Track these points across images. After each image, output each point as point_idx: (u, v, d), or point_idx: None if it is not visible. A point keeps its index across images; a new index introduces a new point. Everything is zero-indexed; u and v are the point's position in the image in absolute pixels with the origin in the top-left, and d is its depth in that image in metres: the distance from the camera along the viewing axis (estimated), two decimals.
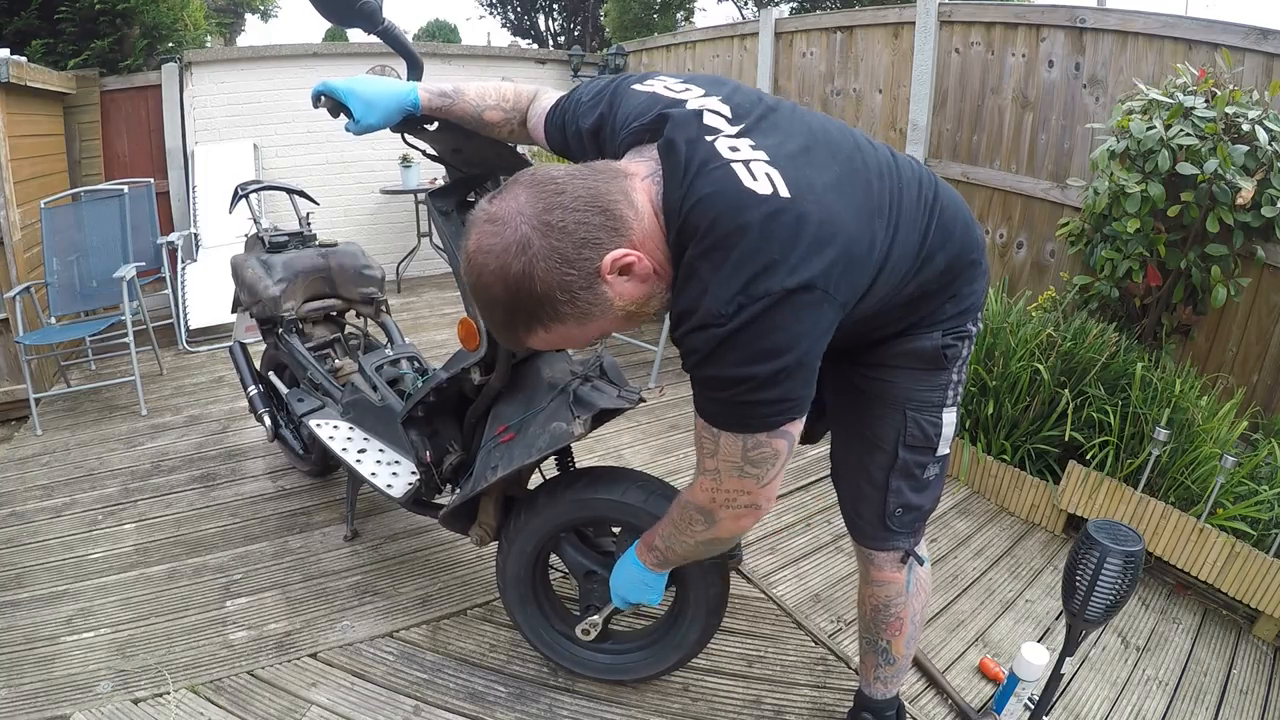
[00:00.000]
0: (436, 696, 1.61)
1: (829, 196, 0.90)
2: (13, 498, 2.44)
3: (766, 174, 0.88)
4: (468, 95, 1.27)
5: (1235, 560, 1.87)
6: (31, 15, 4.25)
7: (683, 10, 9.17)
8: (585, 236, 0.84)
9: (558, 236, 0.83)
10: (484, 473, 1.45)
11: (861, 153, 1.01)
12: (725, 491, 1.05)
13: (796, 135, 0.97)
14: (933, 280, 1.08)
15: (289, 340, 2.22)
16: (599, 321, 0.90)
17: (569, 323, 0.88)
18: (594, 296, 0.87)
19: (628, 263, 0.87)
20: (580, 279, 0.85)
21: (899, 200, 1.00)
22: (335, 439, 1.95)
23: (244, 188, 2.38)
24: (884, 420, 1.18)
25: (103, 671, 1.66)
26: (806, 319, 0.88)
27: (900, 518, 1.23)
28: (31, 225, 3.34)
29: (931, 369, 1.16)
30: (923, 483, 1.22)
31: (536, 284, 0.84)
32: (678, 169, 0.90)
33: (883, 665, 1.39)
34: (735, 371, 0.90)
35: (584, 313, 0.87)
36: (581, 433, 1.35)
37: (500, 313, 0.88)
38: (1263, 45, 2.37)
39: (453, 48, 5.60)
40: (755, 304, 0.86)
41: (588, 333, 0.92)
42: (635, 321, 0.95)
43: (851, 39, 3.81)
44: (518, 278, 0.83)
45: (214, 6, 10.12)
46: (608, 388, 1.43)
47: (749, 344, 0.88)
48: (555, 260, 0.83)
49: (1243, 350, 2.52)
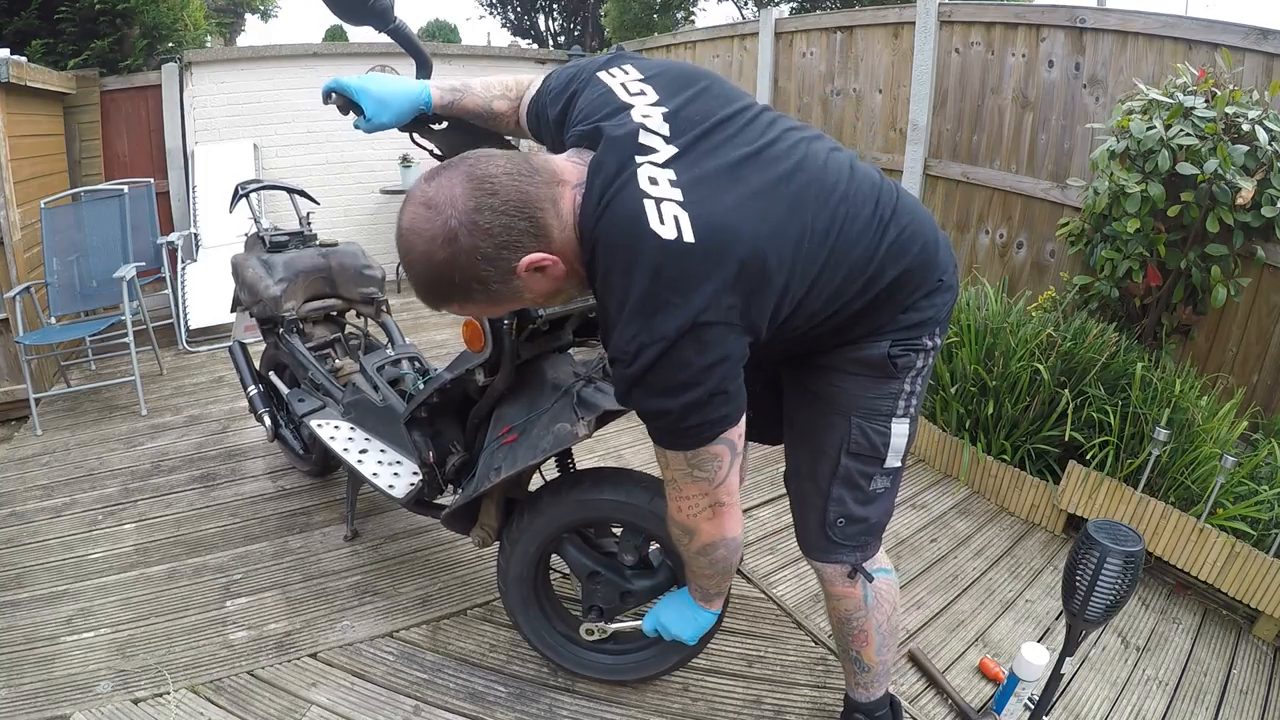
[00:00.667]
0: (436, 696, 1.61)
1: (736, 222, 0.93)
2: (13, 498, 2.44)
3: (675, 216, 0.91)
4: (475, 88, 1.28)
5: (1235, 560, 1.87)
6: (31, 15, 4.25)
7: (682, 10, 9.17)
8: (507, 240, 0.90)
9: (482, 237, 0.89)
10: (487, 473, 1.45)
11: (803, 173, 1.00)
12: (687, 498, 1.09)
13: (732, 154, 0.97)
14: (881, 297, 1.07)
15: (289, 340, 2.22)
16: (508, 304, 0.98)
17: (480, 304, 0.96)
18: (506, 289, 0.94)
19: (542, 264, 0.93)
20: (496, 274, 0.91)
21: (841, 220, 1.01)
22: (336, 439, 1.95)
23: (244, 187, 2.38)
24: (830, 426, 1.17)
25: (103, 671, 1.66)
26: (712, 352, 0.93)
27: (842, 529, 1.21)
28: (31, 225, 3.34)
29: (880, 377, 1.14)
30: (868, 494, 1.19)
31: (456, 274, 0.90)
32: (594, 192, 0.94)
33: (859, 672, 1.39)
34: (654, 405, 0.97)
35: (495, 298, 0.95)
36: (586, 434, 1.35)
37: (421, 287, 0.95)
38: (1263, 45, 2.37)
39: (453, 48, 5.61)
40: (653, 346, 0.91)
41: (498, 311, 1.04)
42: (553, 302, 1.05)
43: (851, 39, 3.81)
44: (440, 265, 0.90)
45: (214, 6, 10.12)
46: (611, 389, 1.43)
47: (658, 382, 0.94)
48: (476, 257, 0.89)
49: (1243, 350, 2.52)
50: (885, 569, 1.31)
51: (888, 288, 1.07)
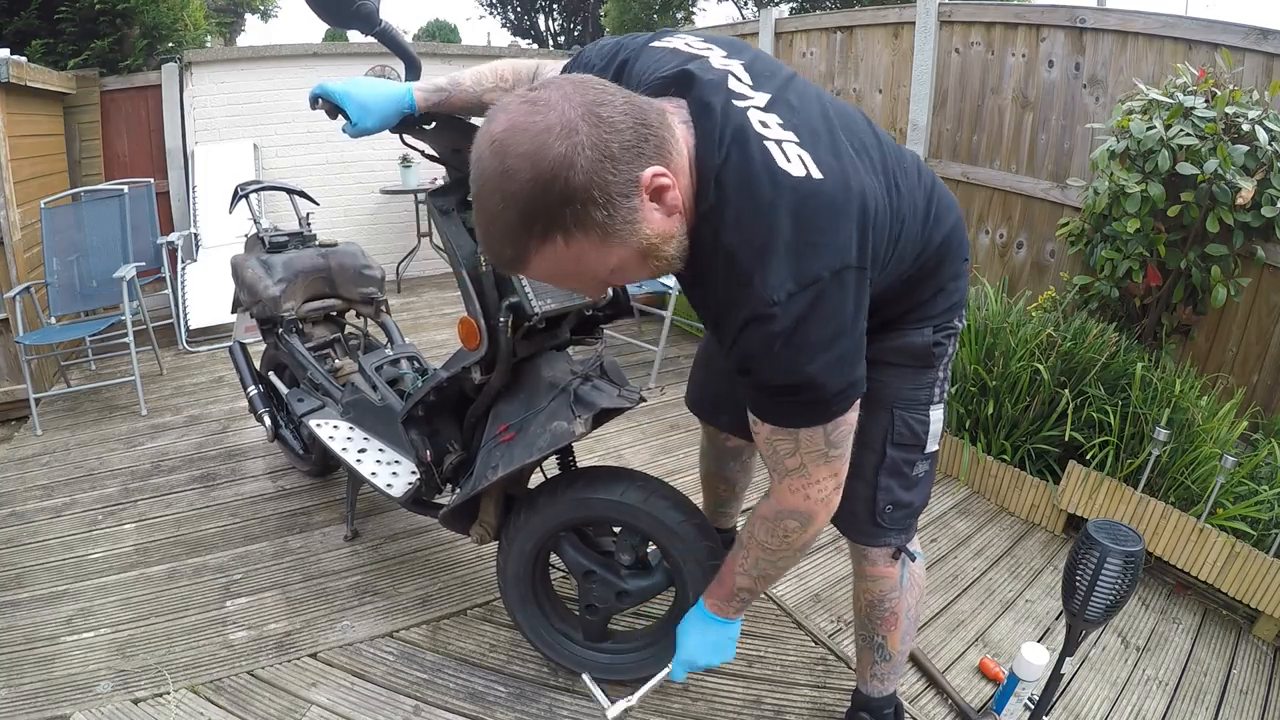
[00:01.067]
0: (436, 696, 1.61)
1: (854, 170, 0.88)
2: (13, 498, 2.43)
3: (799, 156, 0.85)
4: (464, 84, 1.25)
5: (1235, 560, 1.87)
6: (31, 15, 4.25)
7: (682, 10, 9.17)
8: (632, 141, 0.76)
9: (608, 129, 0.74)
10: (484, 472, 1.45)
11: (870, 126, 1.02)
12: (816, 483, 1.02)
13: (813, 108, 0.94)
14: (930, 258, 1.09)
15: (289, 340, 2.22)
16: (617, 249, 0.80)
17: (591, 238, 0.77)
18: (627, 211, 0.77)
19: (663, 185, 0.79)
20: (618, 184, 0.75)
21: (902, 174, 1.01)
22: (335, 439, 1.95)
23: (244, 188, 2.38)
24: (872, 420, 1.17)
25: (103, 671, 1.66)
26: (853, 298, 0.87)
27: (891, 514, 1.23)
28: (31, 225, 3.34)
29: (920, 367, 1.17)
30: (912, 480, 1.22)
31: (577, 173, 0.72)
32: (713, 130, 0.85)
33: (879, 662, 1.39)
34: (803, 373, 0.87)
35: (610, 228, 0.77)
36: (583, 432, 1.35)
37: (514, 212, 0.74)
38: (1263, 45, 2.37)
39: (453, 48, 5.61)
40: (805, 291, 0.83)
41: (601, 261, 0.80)
42: (646, 267, 0.85)
43: (851, 39, 3.81)
44: (555, 162, 0.72)
45: (214, 6, 10.12)
46: (608, 387, 1.43)
47: (810, 335, 0.85)
48: (601, 153, 0.73)
49: (1243, 350, 2.52)
50: (919, 552, 1.32)
51: (935, 254, 1.08)
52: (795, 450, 0.99)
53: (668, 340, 3.42)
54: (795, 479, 1.02)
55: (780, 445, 0.99)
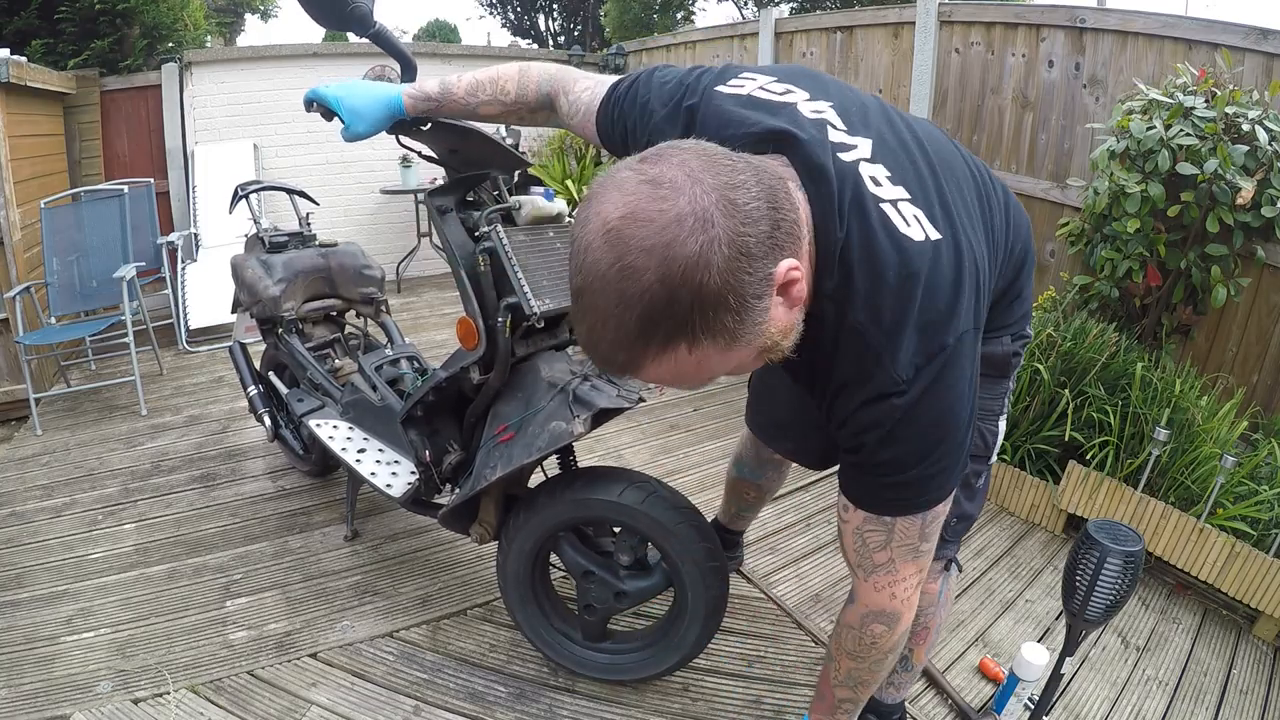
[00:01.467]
0: (436, 696, 1.61)
1: (962, 226, 0.84)
2: (13, 498, 2.43)
3: (915, 216, 0.79)
4: (457, 94, 1.19)
5: (1235, 560, 1.87)
6: (31, 15, 4.25)
7: (682, 10, 9.17)
8: (768, 232, 0.66)
9: (744, 220, 0.63)
10: (483, 472, 1.45)
11: (956, 149, 0.96)
12: (903, 581, 0.95)
13: (911, 147, 0.87)
14: (1010, 273, 1.04)
15: (288, 340, 2.22)
16: (741, 351, 0.69)
17: (717, 344, 0.66)
18: (759, 313, 0.67)
19: (794, 279, 0.69)
20: (755, 283, 0.65)
21: (992, 206, 0.96)
22: (335, 439, 1.95)
23: (244, 188, 2.38)
24: None
25: (103, 671, 1.66)
26: (969, 365, 0.82)
27: (954, 527, 1.20)
28: (31, 225, 3.34)
29: (997, 376, 1.11)
30: (975, 490, 1.20)
31: (713, 276, 0.61)
32: (831, 199, 0.76)
33: (900, 672, 1.38)
34: (924, 443, 0.82)
35: (739, 333, 0.66)
36: (581, 432, 1.35)
37: (634, 316, 0.63)
38: (1263, 45, 2.37)
39: (452, 48, 5.61)
40: (932, 364, 0.79)
41: (722, 365, 0.70)
42: (760, 361, 0.76)
43: (851, 39, 3.81)
44: (687, 264, 0.61)
45: (214, 6, 10.12)
46: (607, 387, 1.43)
47: (932, 408, 0.80)
48: (740, 250, 0.63)
49: (1243, 350, 2.52)
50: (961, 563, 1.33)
51: (1013, 267, 1.04)
52: (887, 544, 0.92)
53: None
54: (882, 576, 0.95)
55: (871, 537, 0.92)
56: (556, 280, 1.46)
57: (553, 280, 1.46)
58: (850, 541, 0.96)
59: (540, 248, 1.48)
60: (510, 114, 1.18)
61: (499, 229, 1.42)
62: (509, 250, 1.41)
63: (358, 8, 1.24)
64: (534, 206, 1.51)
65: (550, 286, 1.44)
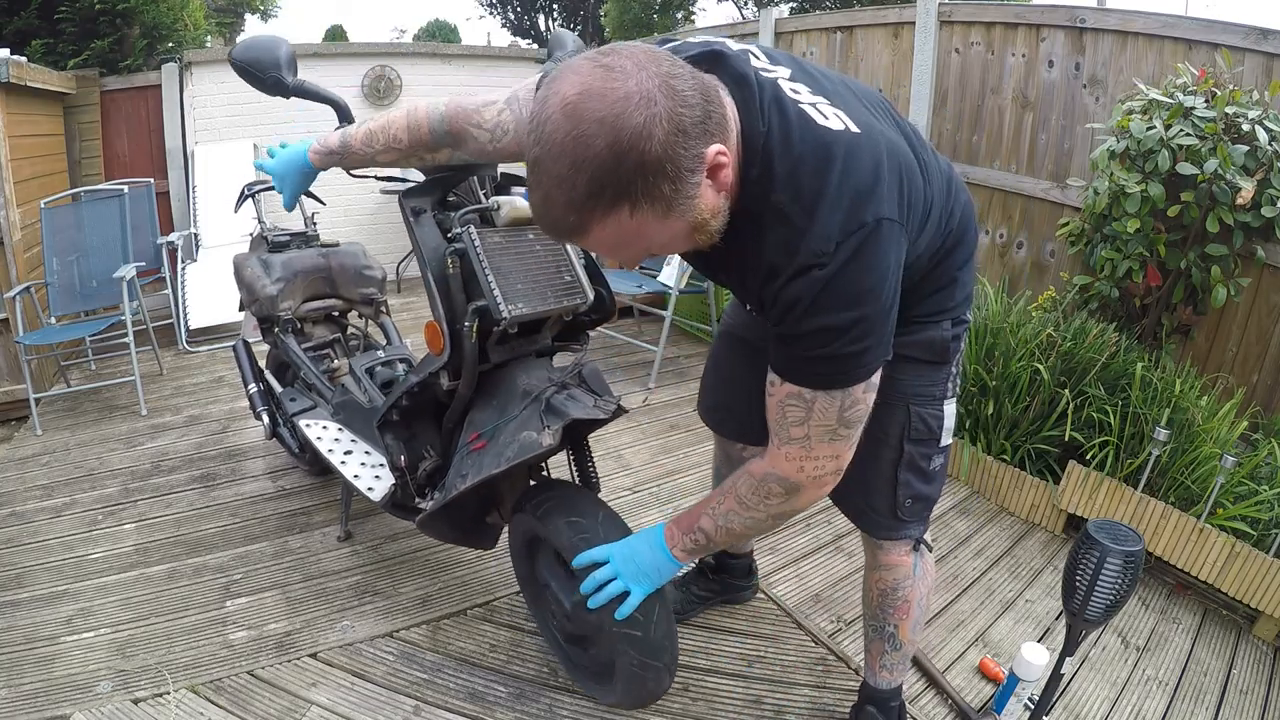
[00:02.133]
0: (436, 696, 1.61)
1: (886, 127, 0.93)
2: (13, 498, 2.43)
3: (835, 114, 0.88)
4: (354, 146, 1.31)
5: (1235, 560, 1.87)
6: (31, 15, 4.25)
7: (682, 10, 9.17)
8: (702, 117, 0.76)
9: (682, 104, 0.74)
10: (455, 481, 1.42)
11: (886, 102, 1.06)
12: (815, 459, 1.01)
13: (834, 78, 0.98)
14: (951, 242, 1.10)
15: (285, 340, 2.22)
16: (675, 223, 0.81)
17: (656, 210, 0.77)
18: (691, 187, 0.78)
19: (721, 163, 0.80)
20: (688, 159, 0.76)
21: (921, 145, 1.04)
22: (323, 439, 1.95)
23: (250, 187, 2.38)
24: (889, 416, 1.18)
25: (103, 671, 1.66)
26: (893, 251, 0.89)
27: (910, 508, 1.26)
28: (31, 225, 3.34)
29: (937, 362, 1.18)
30: (929, 474, 1.24)
31: (654, 145, 0.72)
32: (753, 99, 0.86)
33: (889, 651, 1.40)
34: (844, 315, 0.88)
35: (674, 203, 0.78)
36: (551, 444, 1.31)
37: (584, 178, 0.73)
38: (1263, 45, 2.37)
39: (452, 48, 5.60)
40: (852, 237, 0.85)
41: (659, 233, 0.81)
42: (690, 241, 0.87)
43: (851, 39, 3.81)
44: (634, 133, 0.71)
45: (214, 6, 10.11)
46: (584, 396, 1.40)
47: (852, 282, 0.86)
48: (677, 127, 0.73)
49: (1243, 350, 2.52)
50: (930, 543, 1.35)
51: (954, 233, 1.09)
52: (805, 420, 0.98)
53: (668, 340, 3.42)
54: (795, 448, 1.01)
55: (792, 411, 0.98)
56: (533, 284, 1.41)
57: (529, 284, 1.41)
58: (773, 413, 1.01)
59: (518, 250, 1.43)
60: (410, 158, 1.27)
61: (471, 230, 1.38)
62: (480, 252, 1.36)
63: (276, 79, 1.36)
64: (513, 207, 1.44)
65: (526, 290, 1.39)
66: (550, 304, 1.42)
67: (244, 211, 3.26)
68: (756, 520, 1.11)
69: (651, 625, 1.27)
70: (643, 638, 1.27)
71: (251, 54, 1.32)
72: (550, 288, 1.43)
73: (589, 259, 1.57)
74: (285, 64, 1.35)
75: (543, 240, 1.48)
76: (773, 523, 1.13)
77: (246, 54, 1.33)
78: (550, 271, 1.46)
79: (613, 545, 1.23)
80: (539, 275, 1.43)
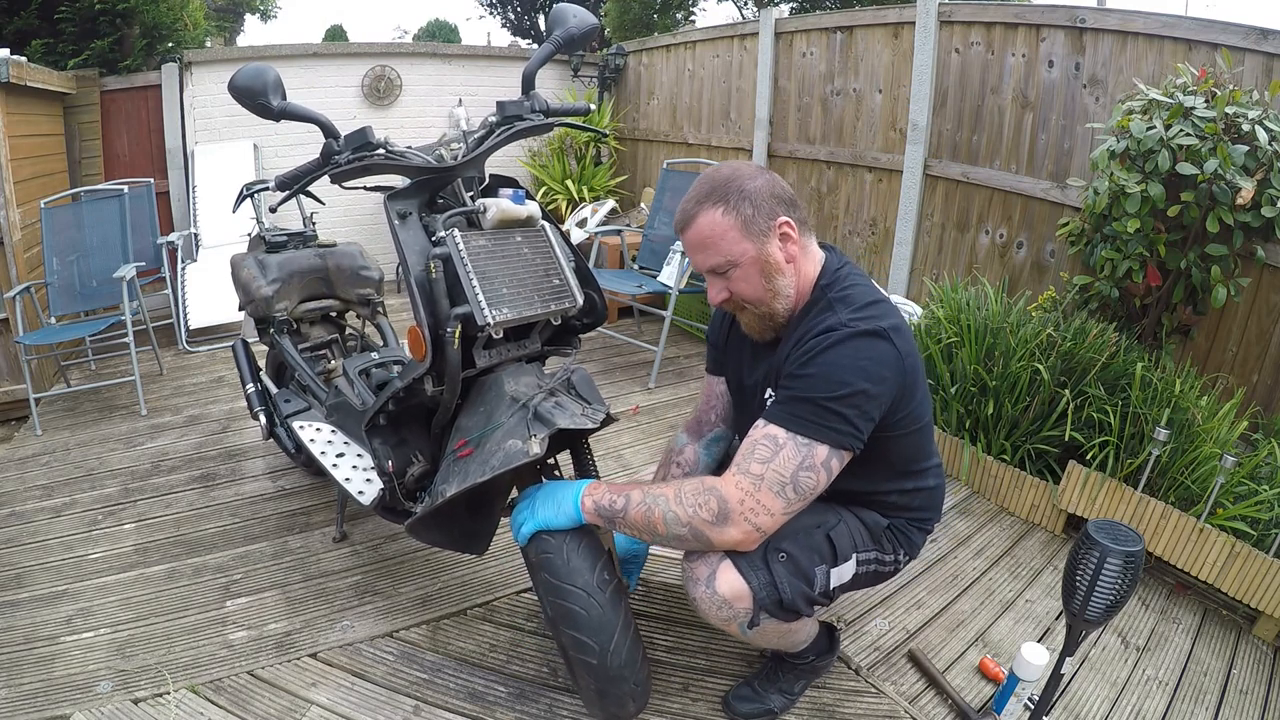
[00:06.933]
0: (436, 696, 1.61)
1: (896, 316, 1.29)
2: (13, 498, 2.44)
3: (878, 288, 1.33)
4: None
5: (1235, 560, 1.87)
6: (31, 15, 4.25)
7: (683, 10, 9.17)
8: (782, 201, 1.26)
9: (779, 188, 1.28)
10: (440, 488, 1.40)
11: None
12: (755, 500, 1.16)
13: None
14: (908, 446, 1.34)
15: (280, 340, 2.21)
16: (747, 245, 1.23)
17: (737, 221, 1.23)
18: (765, 224, 1.23)
19: (788, 232, 1.25)
20: (767, 209, 1.24)
21: None
22: (315, 441, 1.94)
23: (249, 187, 2.38)
24: (823, 512, 1.33)
25: (103, 671, 1.66)
26: (891, 359, 1.17)
27: (777, 584, 1.34)
28: (31, 225, 3.34)
29: (871, 540, 1.38)
30: (808, 593, 1.30)
31: (751, 184, 1.24)
32: (838, 256, 1.36)
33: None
34: (843, 373, 1.14)
35: (750, 224, 1.22)
36: (537, 452, 1.29)
37: (707, 187, 1.25)
38: (1263, 45, 2.36)
39: (452, 48, 5.59)
40: (863, 323, 1.18)
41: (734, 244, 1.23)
42: (757, 283, 1.26)
43: (851, 39, 3.81)
44: (744, 173, 1.25)
45: (214, 6, 10.11)
46: (572, 404, 1.38)
47: (859, 353, 1.16)
48: (769, 190, 1.25)
49: (1243, 350, 2.52)
50: None
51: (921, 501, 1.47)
52: (768, 460, 1.15)
53: (667, 340, 3.42)
54: (746, 482, 1.16)
55: (761, 449, 1.17)
56: (519, 287, 1.38)
57: (515, 288, 1.37)
58: (745, 447, 1.19)
59: (505, 253, 1.40)
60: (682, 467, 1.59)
61: (455, 233, 1.35)
62: (464, 255, 1.33)
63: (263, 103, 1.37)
64: (500, 209, 1.41)
65: (512, 295, 1.36)
66: (537, 308, 1.39)
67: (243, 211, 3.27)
68: (676, 520, 1.19)
69: (608, 654, 1.27)
70: (598, 665, 1.27)
71: (244, 82, 1.35)
72: (537, 291, 1.41)
73: (580, 261, 1.55)
74: (272, 89, 1.37)
75: (531, 243, 1.45)
76: (680, 541, 1.21)
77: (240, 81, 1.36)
78: (538, 275, 1.43)
79: (544, 485, 1.36)
80: (526, 278, 1.41)
